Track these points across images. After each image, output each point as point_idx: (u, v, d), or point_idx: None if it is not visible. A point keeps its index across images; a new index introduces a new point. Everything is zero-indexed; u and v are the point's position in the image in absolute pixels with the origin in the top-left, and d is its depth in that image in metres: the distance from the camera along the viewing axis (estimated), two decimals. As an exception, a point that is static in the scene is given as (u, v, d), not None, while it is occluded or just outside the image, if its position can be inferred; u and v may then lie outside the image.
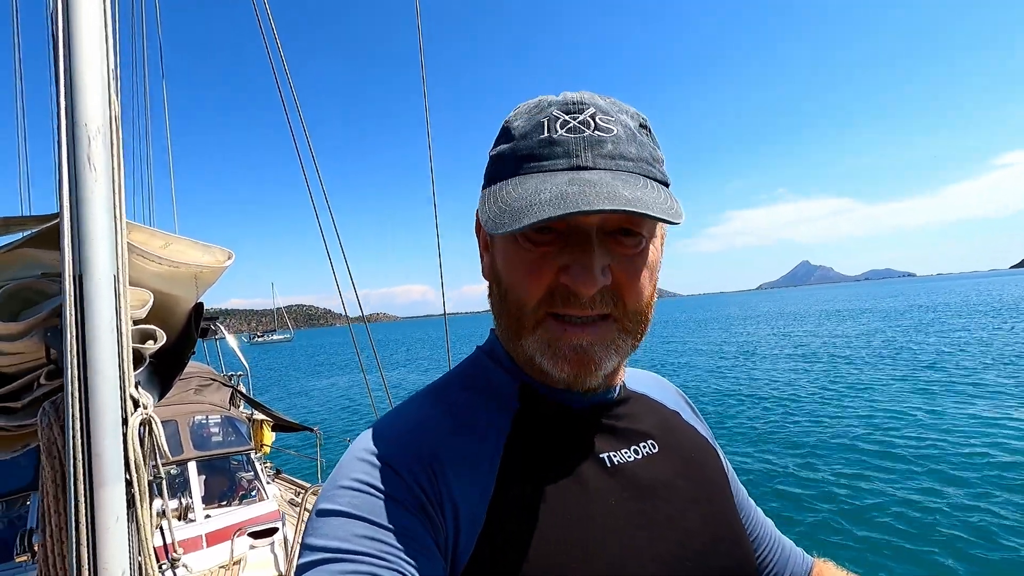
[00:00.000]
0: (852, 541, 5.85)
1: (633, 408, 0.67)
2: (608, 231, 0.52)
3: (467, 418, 0.59)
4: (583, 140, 0.52)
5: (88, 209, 1.14)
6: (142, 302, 1.41)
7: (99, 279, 1.14)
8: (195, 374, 5.57)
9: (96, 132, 1.16)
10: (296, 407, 20.50)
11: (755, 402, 13.16)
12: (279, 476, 7.19)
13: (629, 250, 0.53)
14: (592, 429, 0.62)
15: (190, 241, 1.54)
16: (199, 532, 4.19)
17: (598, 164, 0.51)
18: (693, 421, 0.76)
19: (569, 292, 0.51)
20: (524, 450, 0.57)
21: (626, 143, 0.53)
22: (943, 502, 6.58)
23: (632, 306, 0.54)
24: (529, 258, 0.53)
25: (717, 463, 0.71)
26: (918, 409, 10.99)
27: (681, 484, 0.62)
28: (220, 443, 5.34)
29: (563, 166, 0.51)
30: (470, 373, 0.65)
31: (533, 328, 0.54)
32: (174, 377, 1.65)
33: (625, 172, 0.51)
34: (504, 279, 0.57)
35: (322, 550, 0.46)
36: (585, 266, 0.50)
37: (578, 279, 0.50)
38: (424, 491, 0.51)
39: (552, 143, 0.52)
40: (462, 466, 0.54)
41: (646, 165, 0.53)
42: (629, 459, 0.61)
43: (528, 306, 0.54)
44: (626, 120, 0.55)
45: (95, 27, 1.17)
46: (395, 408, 0.62)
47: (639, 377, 0.75)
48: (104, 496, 1.13)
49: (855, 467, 8.04)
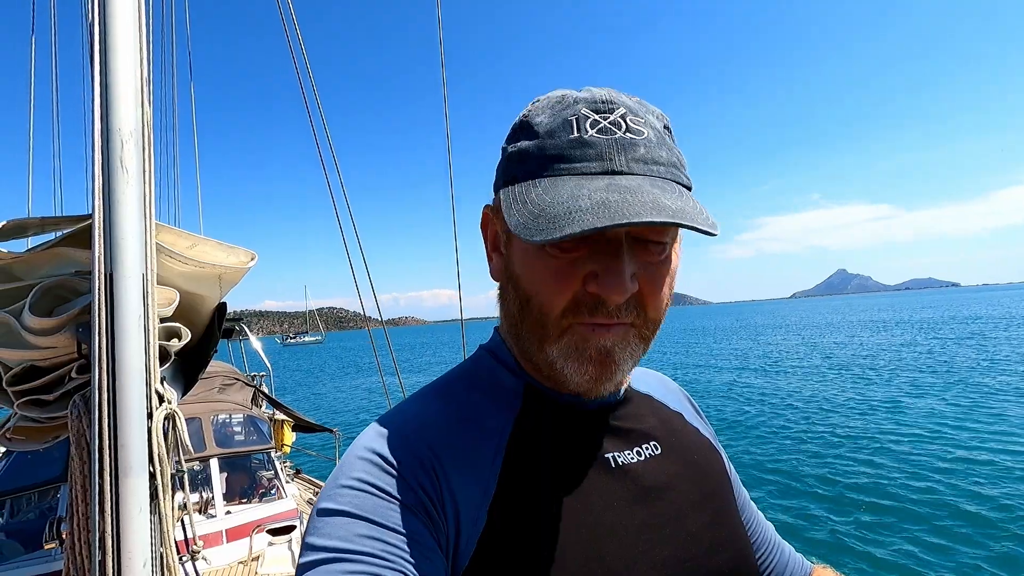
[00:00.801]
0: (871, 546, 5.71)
1: (636, 408, 0.67)
2: (635, 238, 0.51)
3: (470, 417, 0.58)
4: (615, 143, 0.50)
5: (120, 210, 1.19)
6: (169, 300, 1.46)
7: (128, 277, 1.19)
8: (219, 373, 5.69)
9: (129, 136, 1.21)
10: (321, 407, 20.81)
11: (776, 410, 12.92)
12: (299, 476, 7.29)
13: (655, 257, 0.52)
14: (596, 429, 0.61)
15: (215, 242, 1.59)
16: (219, 527, 4.28)
17: (633, 169, 0.49)
18: (696, 422, 0.75)
19: (596, 301, 0.50)
20: (526, 451, 0.57)
21: (657, 147, 0.52)
22: (958, 510, 6.45)
23: (652, 314, 0.54)
24: (556, 265, 0.51)
25: (720, 465, 0.71)
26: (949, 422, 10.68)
27: (683, 486, 0.62)
28: (242, 441, 5.44)
29: (596, 170, 0.49)
30: (474, 372, 0.65)
31: (559, 336, 0.53)
32: (197, 374, 1.70)
33: (660, 179, 0.50)
34: (526, 285, 0.54)
35: (324, 549, 0.46)
36: (617, 273, 0.49)
37: (609, 287, 0.49)
38: (425, 491, 0.51)
39: (584, 144, 0.50)
40: (464, 466, 0.54)
41: (675, 170, 0.52)
42: (632, 460, 0.60)
43: (553, 314, 0.52)
44: (654, 121, 0.54)
45: (130, 37, 1.23)
46: (397, 406, 0.61)
47: (644, 377, 0.74)
48: (129, 487, 1.17)
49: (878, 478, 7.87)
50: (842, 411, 12.61)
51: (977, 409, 11.73)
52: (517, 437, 0.58)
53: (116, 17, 1.21)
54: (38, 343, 1.30)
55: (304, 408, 16.86)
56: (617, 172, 0.49)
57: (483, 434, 0.57)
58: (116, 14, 1.21)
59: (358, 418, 17.93)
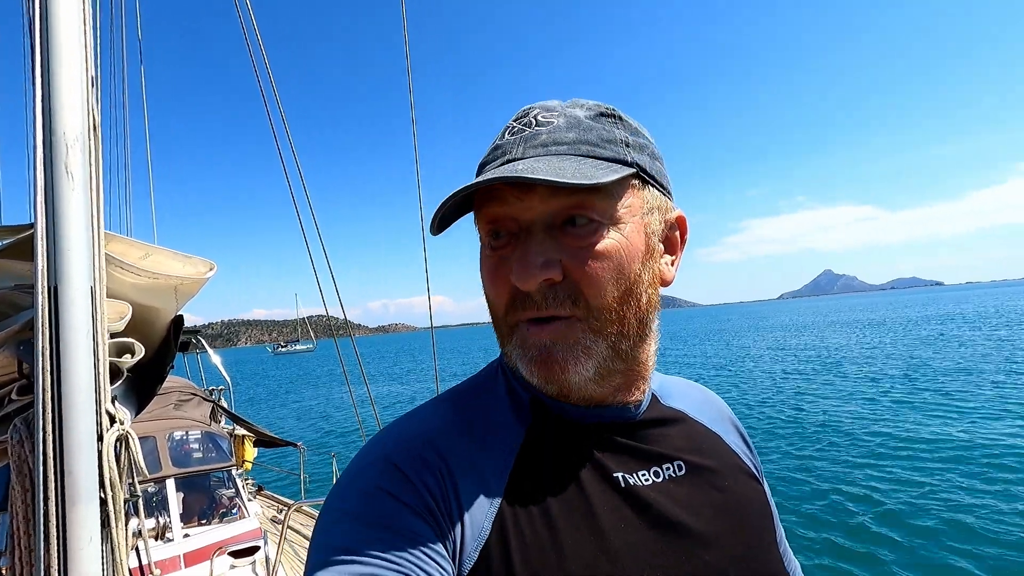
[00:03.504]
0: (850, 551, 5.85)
1: (660, 426, 0.63)
2: (556, 224, 0.51)
3: (480, 428, 0.58)
4: (519, 138, 0.54)
5: (64, 219, 1.13)
6: (120, 314, 1.39)
7: (75, 291, 1.13)
8: (175, 388, 5.48)
9: (74, 140, 1.14)
10: (308, 417, 20.28)
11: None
12: (261, 493, 7.07)
13: (581, 240, 0.51)
14: (606, 446, 0.58)
15: (170, 252, 1.52)
16: (177, 552, 4.10)
17: (527, 154, 0.52)
18: (737, 447, 0.69)
19: (520, 293, 0.51)
20: (533, 465, 0.56)
21: (564, 130, 0.53)
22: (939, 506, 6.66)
23: (595, 302, 0.51)
24: (491, 264, 0.55)
25: (760, 496, 0.65)
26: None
27: (709, 512, 0.58)
28: (200, 459, 5.24)
29: (500, 163, 0.53)
30: (485, 384, 0.64)
31: (509, 335, 0.55)
32: (153, 391, 1.63)
33: (556, 155, 0.51)
34: (484, 289, 0.58)
35: (333, 549, 0.47)
36: (520, 260, 0.50)
37: (516, 274, 0.50)
38: (432, 494, 0.51)
39: (497, 147, 0.55)
40: (471, 476, 0.53)
41: (587, 146, 0.52)
42: (647, 481, 0.57)
43: (499, 314, 0.55)
44: (574, 112, 0.56)
45: (74, 32, 1.17)
46: (408, 413, 0.61)
47: (682, 390, 0.71)
48: (77, 515, 1.10)
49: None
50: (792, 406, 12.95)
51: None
52: (526, 451, 0.57)
53: (59, 10, 1.14)
54: (-27, 363, 1.21)
55: (282, 421, 16.19)
56: (513, 159, 0.52)
57: (493, 445, 0.57)
58: (59, 7, 1.14)
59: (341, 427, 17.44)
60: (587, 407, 0.58)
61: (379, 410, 3.28)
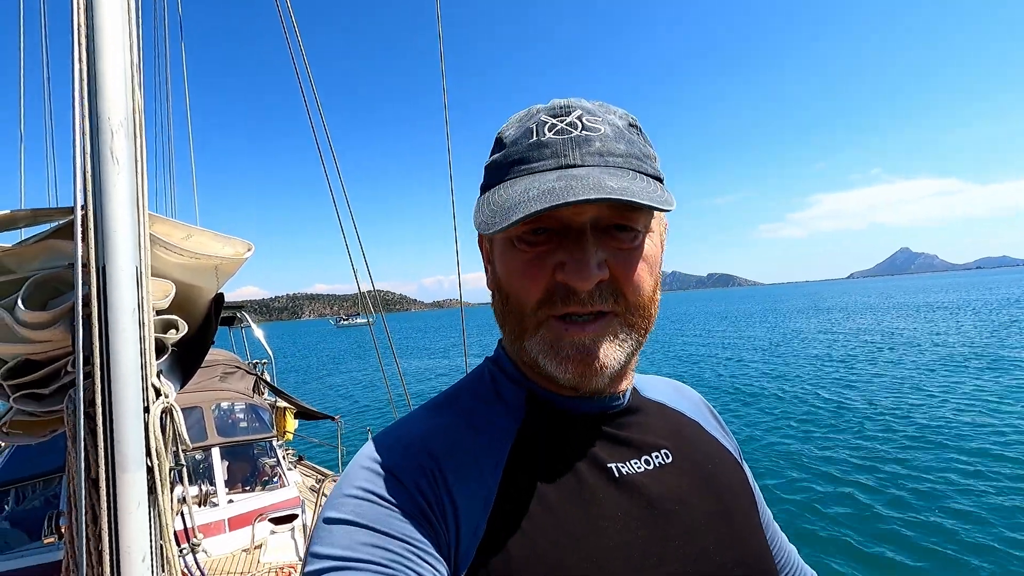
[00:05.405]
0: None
1: (645, 416, 0.66)
2: (603, 227, 0.53)
3: (472, 427, 0.59)
4: (571, 140, 0.53)
5: (111, 202, 1.18)
6: (164, 293, 1.45)
7: (122, 270, 1.19)
8: (220, 362, 5.71)
9: (119, 126, 1.19)
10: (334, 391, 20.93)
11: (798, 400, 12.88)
12: (301, 463, 7.36)
13: (625, 244, 0.54)
14: (598, 437, 0.61)
15: (211, 233, 1.58)
16: (222, 516, 4.32)
17: (586, 161, 0.52)
18: (716, 433, 0.73)
19: (567, 290, 0.52)
20: (528, 459, 0.57)
21: (614, 140, 0.54)
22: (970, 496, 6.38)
23: (633, 300, 0.54)
24: (525, 259, 0.54)
25: (741, 478, 0.68)
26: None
27: (697, 499, 0.60)
28: (244, 429, 5.48)
29: (551, 166, 0.53)
30: (477, 383, 0.66)
31: (535, 329, 0.55)
32: (195, 366, 1.70)
33: (615, 168, 0.53)
34: (504, 284, 0.58)
35: (327, 558, 0.47)
36: (580, 260, 0.51)
37: (574, 274, 0.51)
38: (426, 497, 0.52)
39: (541, 145, 0.54)
40: (465, 475, 0.54)
41: (636, 160, 0.54)
42: (639, 469, 0.59)
43: (528, 308, 0.55)
44: (614, 120, 0.57)
45: (118, 20, 1.21)
46: (401, 418, 0.63)
47: (655, 384, 0.73)
48: (126, 482, 1.18)
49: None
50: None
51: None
52: (519, 447, 0.58)
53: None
54: (32, 337, 1.29)
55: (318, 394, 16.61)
56: (570, 166, 0.52)
57: (485, 444, 0.58)
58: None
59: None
60: (579, 398, 0.60)
61: (426, 381, 3.35)
